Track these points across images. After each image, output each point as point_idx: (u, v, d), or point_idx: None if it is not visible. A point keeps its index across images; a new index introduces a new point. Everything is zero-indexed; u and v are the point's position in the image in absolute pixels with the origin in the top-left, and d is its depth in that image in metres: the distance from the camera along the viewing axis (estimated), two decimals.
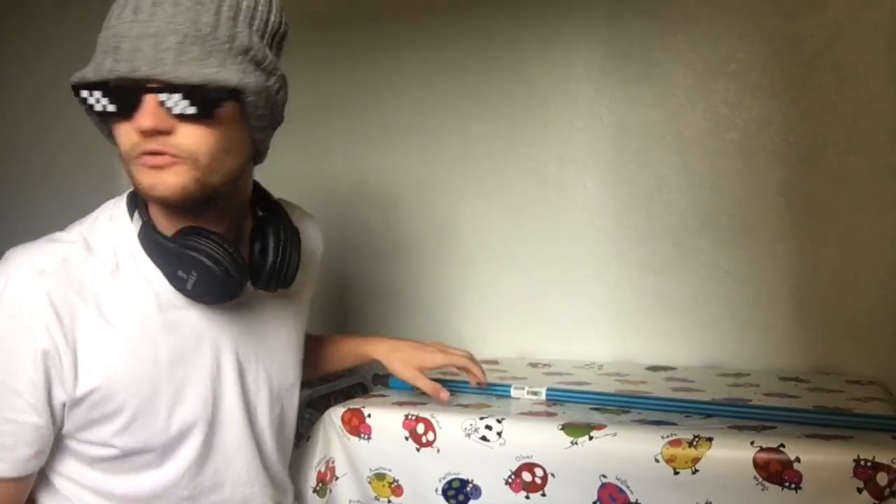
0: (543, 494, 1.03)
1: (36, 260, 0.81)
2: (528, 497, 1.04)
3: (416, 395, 1.24)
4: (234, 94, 0.76)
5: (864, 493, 0.88)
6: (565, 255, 1.73)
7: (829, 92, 1.51)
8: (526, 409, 1.15)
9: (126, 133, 0.76)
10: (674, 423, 1.03)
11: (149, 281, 0.86)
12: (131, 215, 0.87)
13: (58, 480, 0.89)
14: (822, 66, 1.51)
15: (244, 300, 0.94)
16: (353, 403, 1.19)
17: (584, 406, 1.17)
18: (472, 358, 1.18)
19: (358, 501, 1.16)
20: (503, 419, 1.08)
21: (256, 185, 0.97)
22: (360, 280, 1.97)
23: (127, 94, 0.74)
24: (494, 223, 1.79)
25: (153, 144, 0.75)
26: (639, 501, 0.98)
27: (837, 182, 1.51)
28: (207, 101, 0.74)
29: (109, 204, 0.91)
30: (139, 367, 0.84)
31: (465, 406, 1.17)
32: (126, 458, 0.87)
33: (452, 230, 1.82)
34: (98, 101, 0.75)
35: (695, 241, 1.62)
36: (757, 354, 1.56)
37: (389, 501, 1.13)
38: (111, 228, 0.87)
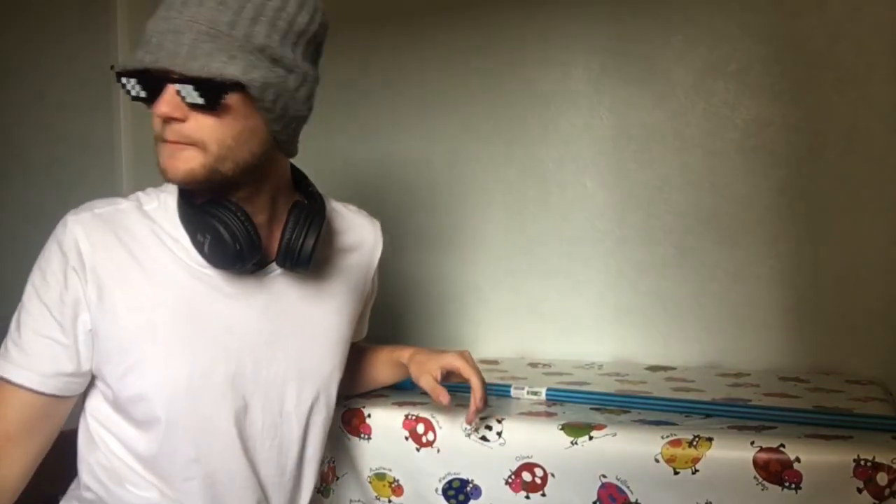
0: (543, 494, 1.03)
1: (93, 205, 0.92)
2: (528, 497, 1.04)
3: (416, 395, 1.24)
4: (238, 87, 0.82)
5: (864, 493, 0.88)
6: (565, 255, 1.73)
7: (829, 92, 1.51)
8: (526, 409, 1.15)
9: (153, 118, 0.85)
10: (674, 423, 1.03)
11: (185, 246, 0.92)
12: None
13: (91, 422, 0.94)
14: (822, 66, 1.51)
15: (275, 279, 0.98)
16: (353, 403, 1.19)
17: (585, 406, 1.17)
18: (478, 375, 1.07)
19: (359, 501, 1.16)
20: (503, 419, 1.08)
21: (303, 178, 1.04)
22: None
23: (153, 83, 0.82)
24: (494, 223, 1.79)
25: (168, 131, 0.84)
26: (639, 501, 0.98)
27: (837, 182, 1.51)
28: (214, 93, 0.81)
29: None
30: (160, 312, 0.90)
31: (465, 406, 1.17)
32: (135, 403, 0.90)
33: (452, 230, 1.82)
34: (133, 87, 0.83)
35: (695, 241, 1.62)
36: (757, 354, 1.57)
37: (390, 501, 1.13)
38: (162, 197, 0.95)
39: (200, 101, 0.81)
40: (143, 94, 0.83)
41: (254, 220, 0.90)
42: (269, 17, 0.84)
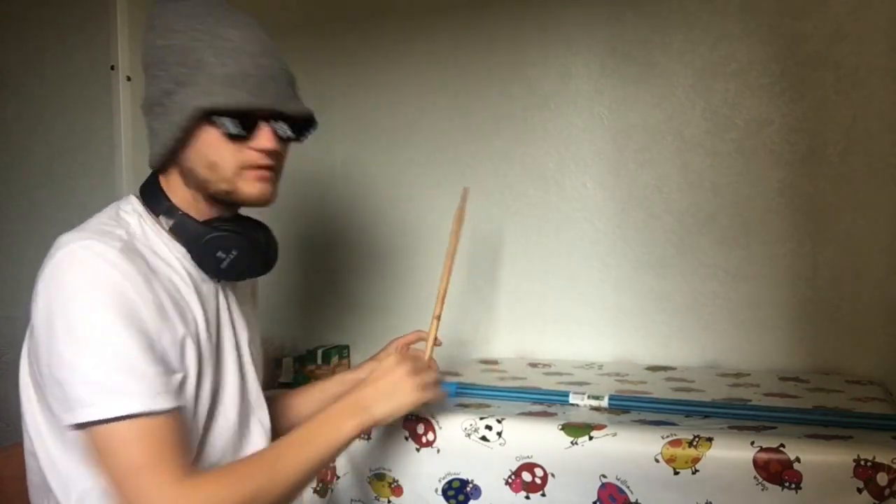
0: (543, 494, 1.03)
1: (103, 238, 0.86)
2: (528, 497, 1.04)
3: None
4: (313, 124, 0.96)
5: (865, 493, 0.88)
6: (565, 255, 1.73)
7: (829, 92, 1.51)
8: (526, 409, 1.15)
9: (240, 152, 0.91)
10: (674, 424, 1.03)
11: (182, 263, 0.95)
12: (155, 212, 0.95)
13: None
14: (822, 66, 1.51)
15: (227, 284, 1.03)
16: None
17: (650, 413, 1.12)
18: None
19: (359, 501, 1.16)
20: (503, 419, 1.08)
21: None
22: (359, 279, 1.97)
23: (251, 121, 0.90)
24: (494, 223, 1.79)
25: (268, 160, 0.92)
26: (639, 501, 0.98)
27: (837, 182, 1.51)
28: (303, 129, 0.95)
29: (118, 205, 0.97)
30: (195, 336, 0.92)
31: (466, 406, 1.17)
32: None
33: None
34: (226, 125, 0.89)
35: (695, 241, 1.62)
36: (757, 354, 1.57)
37: (389, 501, 1.13)
38: (139, 219, 0.95)
39: (292, 135, 0.94)
40: (237, 131, 0.89)
41: None
42: None
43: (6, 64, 1.91)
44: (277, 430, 1.08)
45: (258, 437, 1.02)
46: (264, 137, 0.90)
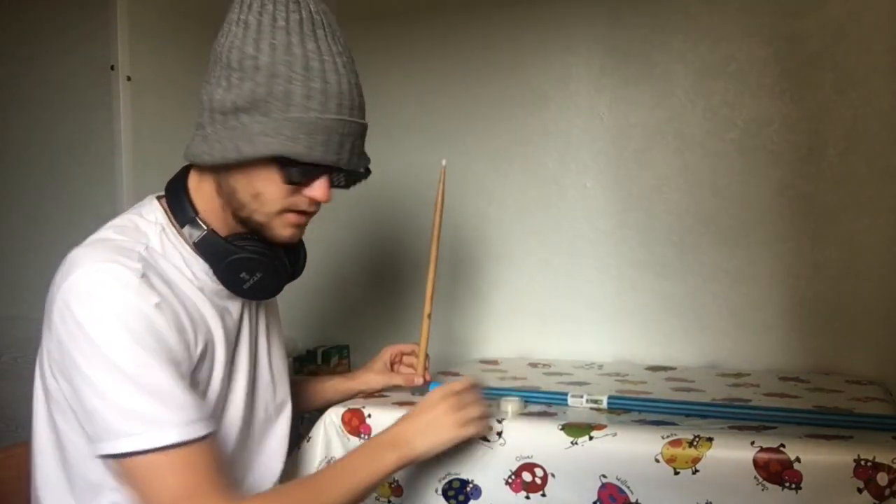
0: (543, 495, 1.03)
1: (124, 261, 0.84)
2: (528, 497, 1.04)
3: (416, 396, 1.24)
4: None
5: (865, 493, 0.88)
6: (565, 255, 1.73)
7: (829, 92, 1.51)
8: (526, 409, 1.15)
9: (292, 195, 0.90)
10: (674, 424, 1.03)
11: (200, 277, 0.94)
12: (180, 222, 0.94)
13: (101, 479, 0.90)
14: (822, 66, 1.51)
15: (260, 302, 1.06)
16: (353, 404, 1.19)
17: (648, 414, 1.12)
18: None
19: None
20: (503, 419, 1.08)
21: None
22: (360, 280, 1.97)
23: (313, 172, 0.89)
24: (494, 223, 1.79)
25: (314, 208, 0.94)
26: (639, 501, 0.98)
27: (837, 182, 1.51)
28: (356, 179, 0.97)
29: (140, 211, 0.95)
30: (210, 356, 0.92)
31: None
32: None
33: (453, 230, 1.82)
34: (292, 173, 0.88)
35: (695, 241, 1.62)
36: (757, 354, 1.57)
37: (389, 501, 1.13)
38: (160, 235, 0.92)
39: (343, 185, 0.94)
40: (297, 178, 0.88)
41: None
42: None
43: (5, 64, 1.91)
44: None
45: (274, 450, 1.05)
46: (320, 189, 0.90)
